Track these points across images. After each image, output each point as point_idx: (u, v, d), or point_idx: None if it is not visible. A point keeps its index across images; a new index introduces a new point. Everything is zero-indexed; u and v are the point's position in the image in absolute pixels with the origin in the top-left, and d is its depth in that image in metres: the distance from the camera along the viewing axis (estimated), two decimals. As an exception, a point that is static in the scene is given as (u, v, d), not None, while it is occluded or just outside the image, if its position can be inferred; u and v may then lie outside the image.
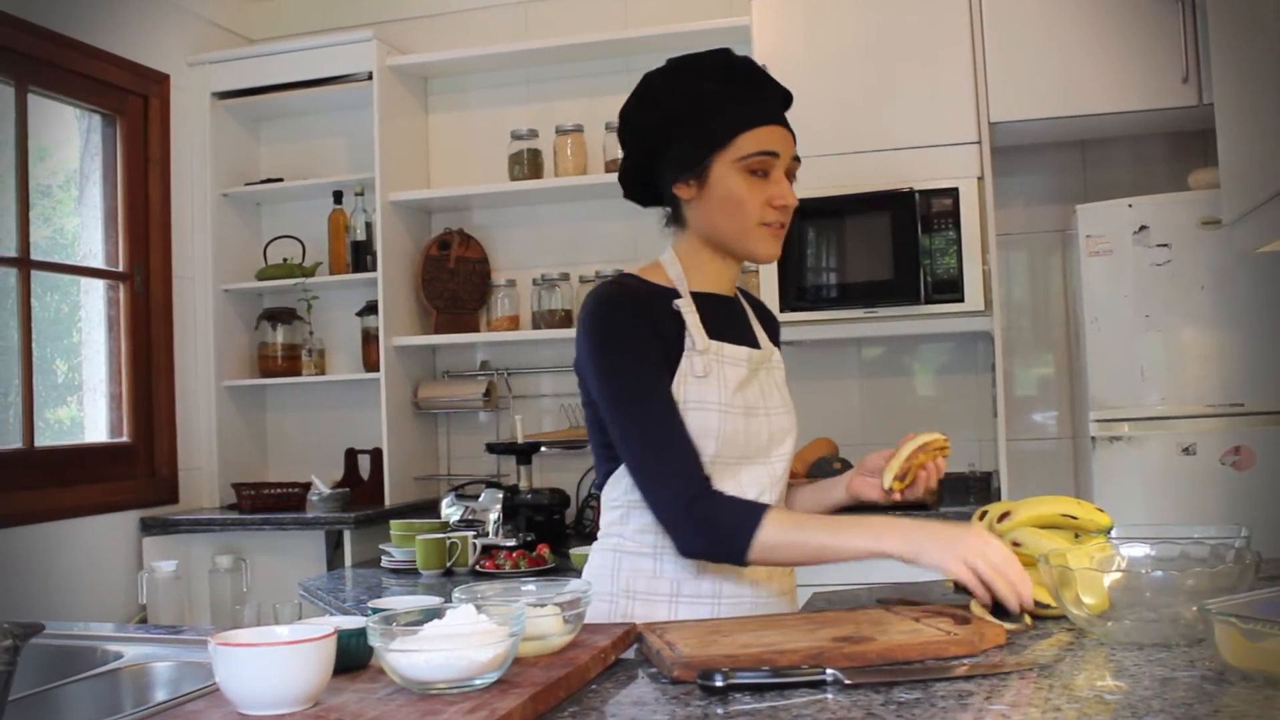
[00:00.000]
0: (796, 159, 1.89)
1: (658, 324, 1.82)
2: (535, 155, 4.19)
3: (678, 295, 1.87)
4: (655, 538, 1.84)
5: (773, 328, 2.09)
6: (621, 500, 1.88)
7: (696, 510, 1.72)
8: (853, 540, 1.68)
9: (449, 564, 3.31)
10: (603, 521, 1.95)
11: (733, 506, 1.73)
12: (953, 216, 3.54)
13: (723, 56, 1.91)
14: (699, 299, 1.90)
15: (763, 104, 1.87)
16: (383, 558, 3.54)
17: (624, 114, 1.95)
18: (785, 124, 1.89)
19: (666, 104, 1.88)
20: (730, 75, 1.88)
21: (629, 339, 1.79)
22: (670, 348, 1.82)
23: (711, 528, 1.72)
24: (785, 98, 1.94)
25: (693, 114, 1.85)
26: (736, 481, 1.83)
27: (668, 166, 1.89)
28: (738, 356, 1.88)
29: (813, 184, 3.66)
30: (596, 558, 1.93)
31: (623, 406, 1.78)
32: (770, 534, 1.69)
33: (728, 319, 1.93)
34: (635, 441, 1.77)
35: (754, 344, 1.95)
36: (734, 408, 1.83)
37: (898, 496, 1.90)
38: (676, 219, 1.94)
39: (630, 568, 1.86)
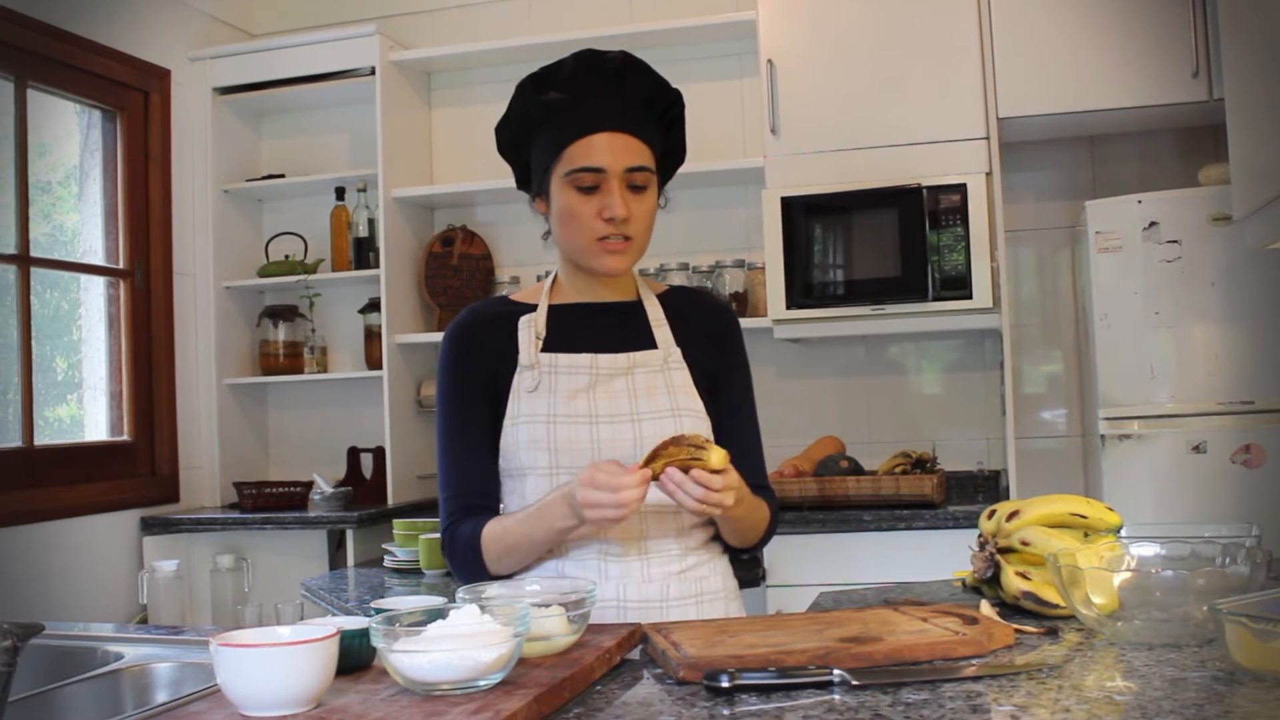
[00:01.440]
0: (643, 169, 1.79)
1: (488, 351, 1.87)
2: (540, 151, 4.16)
3: (534, 311, 1.89)
4: (599, 544, 1.84)
5: (703, 324, 1.95)
6: None
7: (446, 542, 1.86)
8: (539, 529, 1.76)
9: (452, 563, 3.27)
10: None
11: (463, 533, 1.83)
12: (961, 213, 3.52)
13: (575, 59, 1.83)
14: (564, 310, 1.90)
15: (594, 111, 1.79)
16: (385, 557, 3.51)
17: (496, 131, 1.92)
18: (626, 128, 1.79)
19: (516, 117, 1.87)
20: (571, 81, 1.81)
21: (447, 370, 1.89)
22: (503, 370, 1.86)
23: (455, 557, 1.85)
24: (649, 98, 1.84)
25: (533, 128, 1.83)
26: None
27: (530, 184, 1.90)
28: (575, 365, 1.85)
29: (819, 180, 3.66)
30: None
31: (437, 439, 1.92)
32: (489, 549, 1.81)
33: (592, 326, 1.89)
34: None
35: (633, 347, 1.88)
36: (570, 417, 1.81)
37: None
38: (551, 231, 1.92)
39: (574, 574, 1.83)
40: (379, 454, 4.24)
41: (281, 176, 4.45)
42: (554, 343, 1.87)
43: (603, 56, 1.83)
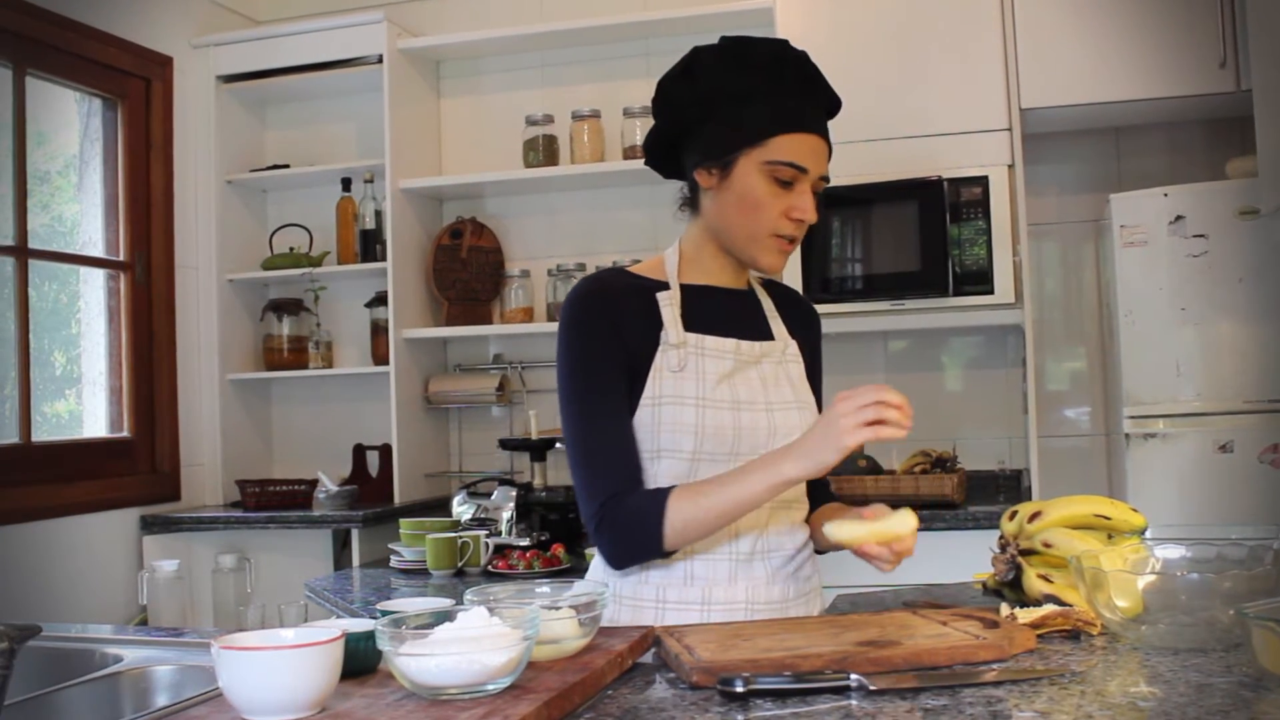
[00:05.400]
0: (825, 178, 1.83)
1: (628, 321, 1.80)
2: (551, 141, 4.13)
3: (665, 288, 1.85)
4: (729, 546, 1.82)
5: (804, 320, 2.03)
6: None
7: (603, 516, 1.74)
8: (755, 482, 1.69)
9: (460, 564, 3.26)
10: None
11: (635, 502, 1.73)
12: (982, 205, 3.49)
13: (777, 48, 1.84)
14: (695, 291, 1.87)
15: (805, 109, 1.81)
16: (392, 558, 3.50)
17: (663, 83, 1.89)
18: (825, 135, 1.82)
19: (707, 83, 1.83)
20: (779, 70, 1.81)
21: (584, 338, 1.80)
22: (643, 345, 1.80)
23: (619, 530, 1.74)
24: (832, 105, 1.87)
25: (731, 101, 1.80)
26: None
27: (695, 148, 1.84)
28: (721, 349, 1.83)
29: (838, 171, 3.55)
30: (596, 561, 1.91)
31: (565, 408, 1.82)
32: (677, 513, 1.70)
33: (724, 311, 1.88)
34: (570, 446, 1.81)
35: (758, 336, 1.90)
36: (716, 402, 1.79)
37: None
38: (692, 203, 1.91)
39: (704, 575, 1.81)
40: (385, 451, 4.22)
41: (286, 167, 4.42)
42: (690, 323, 1.83)
43: (797, 51, 1.84)
